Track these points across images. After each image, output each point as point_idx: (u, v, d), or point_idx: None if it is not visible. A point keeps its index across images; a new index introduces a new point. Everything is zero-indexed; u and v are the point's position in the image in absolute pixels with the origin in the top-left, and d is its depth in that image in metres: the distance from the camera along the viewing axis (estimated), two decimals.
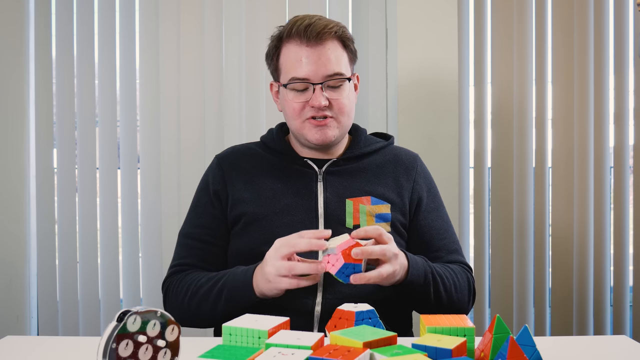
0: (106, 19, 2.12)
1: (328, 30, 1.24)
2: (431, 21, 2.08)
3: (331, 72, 1.24)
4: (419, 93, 2.07)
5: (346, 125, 1.30)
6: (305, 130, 1.27)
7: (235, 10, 2.11)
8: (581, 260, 2.24)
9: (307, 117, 1.26)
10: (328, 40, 1.25)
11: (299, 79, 1.24)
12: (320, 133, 1.26)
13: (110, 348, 0.76)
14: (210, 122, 2.11)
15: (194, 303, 1.22)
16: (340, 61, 1.26)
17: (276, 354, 0.79)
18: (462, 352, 0.83)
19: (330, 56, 1.24)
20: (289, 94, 1.27)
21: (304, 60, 1.24)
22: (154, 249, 2.13)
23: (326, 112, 1.25)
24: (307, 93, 1.25)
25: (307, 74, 1.24)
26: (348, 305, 0.99)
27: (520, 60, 2.20)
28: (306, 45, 1.24)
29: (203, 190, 1.36)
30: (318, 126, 1.26)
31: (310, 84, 1.24)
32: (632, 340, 1.04)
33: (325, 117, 1.25)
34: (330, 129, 1.26)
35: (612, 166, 2.26)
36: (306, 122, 1.27)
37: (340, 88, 1.26)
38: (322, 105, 1.23)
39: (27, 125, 2.12)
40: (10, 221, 2.10)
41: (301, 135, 1.29)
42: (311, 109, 1.25)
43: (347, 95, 1.27)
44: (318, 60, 1.23)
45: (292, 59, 1.25)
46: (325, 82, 1.24)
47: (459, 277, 1.26)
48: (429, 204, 1.35)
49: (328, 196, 1.28)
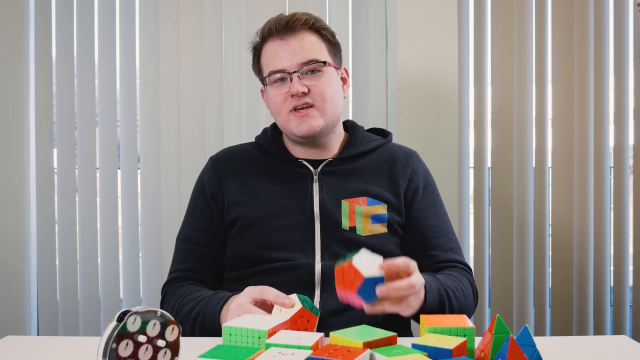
0: (106, 19, 2.12)
1: (297, 19, 1.26)
2: (431, 21, 2.08)
3: (305, 59, 1.25)
4: (419, 93, 2.07)
5: (330, 114, 1.28)
6: (290, 124, 1.27)
7: (235, 10, 2.11)
8: (581, 260, 2.24)
9: (290, 109, 1.26)
10: (301, 31, 1.26)
11: (276, 71, 1.26)
12: (304, 124, 1.25)
13: (110, 348, 0.76)
14: (210, 122, 2.11)
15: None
16: (317, 50, 1.27)
17: (276, 354, 0.79)
18: (462, 352, 0.83)
19: (303, 44, 1.25)
20: (271, 90, 1.28)
21: (279, 53, 1.26)
22: (154, 249, 2.13)
23: (306, 99, 1.24)
24: (286, 84, 1.26)
25: (283, 65, 1.25)
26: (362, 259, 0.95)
27: (520, 60, 2.20)
28: (279, 39, 1.26)
29: (199, 193, 1.35)
30: (301, 117, 1.25)
31: (287, 73, 1.25)
32: (632, 340, 1.04)
33: (307, 107, 1.25)
34: (313, 118, 1.25)
35: (612, 166, 2.26)
36: (290, 115, 1.26)
37: (318, 75, 1.26)
38: (300, 91, 1.23)
39: (27, 125, 2.12)
40: (10, 221, 2.10)
41: (288, 130, 1.29)
42: (292, 99, 1.25)
43: (327, 81, 1.26)
44: (292, 50, 1.25)
45: (269, 55, 1.28)
46: (300, 70, 1.24)
47: (464, 284, 1.25)
48: (424, 200, 1.33)
49: (324, 197, 1.27)
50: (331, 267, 1.22)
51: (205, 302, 1.18)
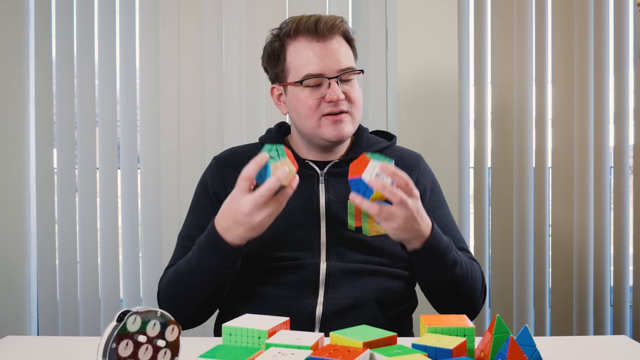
0: (106, 19, 2.12)
1: (337, 24, 1.25)
2: (431, 21, 2.08)
3: (344, 66, 1.24)
4: (419, 93, 2.07)
5: (358, 119, 1.30)
6: (321, 129, 1.26)
7: (235, 10, 2.11)
8: (581, 260, 2.24)
9: (324, 113, 1.25)
10: (336, 36, 1.26)
11: (314, 75, 1.24)
12: (337, 129, 1.25)
13: (110, 348, 0.76)
14: (210, 122, 2.11)
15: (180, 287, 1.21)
16: (350, 55, 1.28)
17: (276, 354, 0.79)
18: (462, 352, 0.83)
19: (340, 50, 1.25)
20: (303, 92, 1.25)
21: (317, 56, 1.24)
22: (154, 249, 2.13)
23: (342, 106, 1.25)
24: (321, 89, 1.24)
25: (321, 69, 1.23)
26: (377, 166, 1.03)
27: (520, 60, 2.20)
28: (317, 41, 1.24)
29: (202, 192, 1.35)
30: (335, 122, 1.24)
31: (326, 78, 1.24)
32: (632, 340, 1.04)
33: (341, 112, 1.25)
34: (345, 124, 1.25)
35: (612, 166, 2.26)
36: (323, 119, 1.25)
37: (351, 82, 1.27)
38: (341, 98, 1.23)
39: (27, 125, 2.12)
40: (10, 221, 2.10)
41: (316, 135, 1.27)
42: (327, 104, 1.24)
43: (358, 89, 1.28)
44: (331, 55, 1.24)
45: (303, 56, 1.25)
46: (339, 76, 1.24)
47: (474, 267, 1.26)
48: (431, 202, 1.34)
49: (330, 197, 1.28)
50: (336, 267, 1.22)
51: (196, 243, 1.18)
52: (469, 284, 1.23)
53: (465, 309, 1.24)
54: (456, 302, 1.24)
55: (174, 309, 1.21)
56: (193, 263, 1.17)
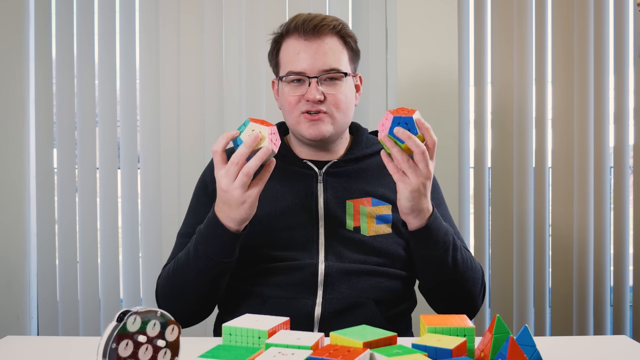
0: (106, 19, 2.12)
1: (326, 24, 1.25)
2: (431, 21, 2.08)
3: (327, 66, 1.24)
4: (419, 93, 2.08)
5: (341, 122, 1.28)
6: (300, 125, 1.27)
7: (235, 10, 2.11)
8: (581, 260, 2.24)
9: (302, 111, 1.25)
10: (327, 35, 1.25)
11: (295, 72, 1.25)
12: (313, 128, 1.25)
13: (110, 348, 0.76)
14: (210, 122, 2.11)
15: (179, 280, 1.21)
16: (339, 57, 1.26)
17: (276, 354, 0.79)
18: (462, 352, 0.83)
19: (327, 51, 1.25)
20: (286, 88, 1.27)
21: (301, 54, 1.24)
22: (154, 249, 2.13)
23: (320, 107, 1.24)
24: (303, 87, 1.25)
25: (303, 67, 1.24)
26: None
27: (520, 60, 2.20)
28: (304, 39, 1.25)
29: (202, 190, 1.35)
30: (312, 121, 1.25)
31: (306, 77, 1.24)
32: (632, 340, 1.04)
33: (319, 112, 1.25)
34: (324, 124, 1.25)
35: (612, 166, 2.26)
36: (301, 117, 1.26)
37: (336, 83, 1.26)
38: (316, 99, 1.23)
39: (27, 125, 2.12)
40: (10, 221, 2.10)
41: (296, 131, 1.29)
42: (306, 102, 1.25)
43: (343, 91, 1.26)
44: (315, 54, 1.24)
45: (290, 53, 1.26)
46: (321, 77, 1.24)
47: (473, 260, 1.26)
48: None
49: (328, 197, 1.28)
50: (334, 267, 1.22)
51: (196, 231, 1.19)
52: (469, 274, 1.23)
53: (465, 305, 1.24)
54: (455, 296, 1.24)
55: (172, 304, 1.21)
56: (191, 251, 1.18)
